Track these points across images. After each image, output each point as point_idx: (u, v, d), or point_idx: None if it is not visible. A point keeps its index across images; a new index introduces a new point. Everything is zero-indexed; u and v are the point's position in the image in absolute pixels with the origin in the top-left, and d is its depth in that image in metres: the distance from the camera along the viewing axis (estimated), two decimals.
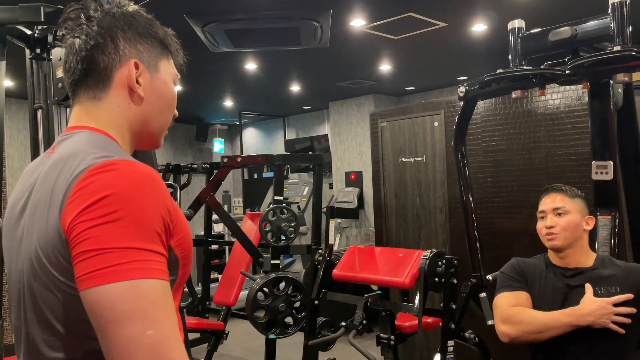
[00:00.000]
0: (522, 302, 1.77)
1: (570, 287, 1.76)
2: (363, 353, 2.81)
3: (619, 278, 1.71)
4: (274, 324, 3.59)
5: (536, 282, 1.81)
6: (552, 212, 1.80)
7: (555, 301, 1.74)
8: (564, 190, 1.85)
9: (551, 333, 1.66)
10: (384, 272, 3.08)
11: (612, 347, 1.65)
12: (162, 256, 0.80)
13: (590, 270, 1.77)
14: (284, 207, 3.76)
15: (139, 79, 0.94)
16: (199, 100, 6.79)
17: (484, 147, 3.80)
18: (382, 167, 4.50)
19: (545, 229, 1.80)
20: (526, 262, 1.89)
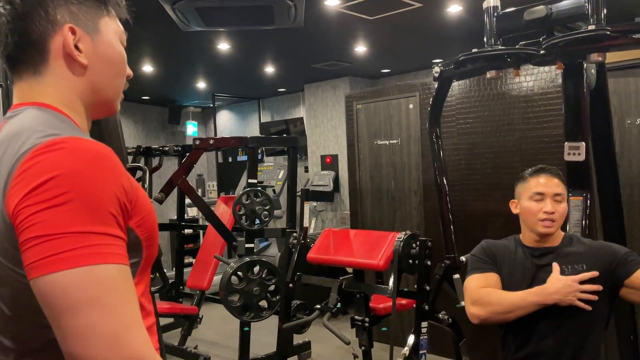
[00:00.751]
0: (492, 283, 1.75)
1: (539, 266, 1.76)
2: (337, 335, 2.80)
3: (586, 256, 1.72)
4: (248, 307, 3.55)
5: (506, 263, 1.81)
6: (552, 196, 1.76)
7: (524, 281, 1.74)
8: (560, 175, 1.81)
9: (519, 313, 1.67)
10: (358, 254, 3.07)
11: (579, 324, 1.67)
12: (119, 239, 0.75)
13: (557, 249, 1.78)
14: (258, 190, 3.71)
15: (78, 45, 0.85)
16: (171, 81, 6.64)
17: (459, 129, 3.80)
18: (358, 150, 4.47)
19: (543, 214, 1.74)
20: (496, 243, 1.88)
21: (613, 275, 1.67)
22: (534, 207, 1.76)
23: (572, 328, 1.67)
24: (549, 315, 1.66)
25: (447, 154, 3.87)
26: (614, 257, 1.70)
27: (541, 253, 1.78)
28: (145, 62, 5.44)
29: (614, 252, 1.71)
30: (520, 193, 1.83)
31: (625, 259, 1.68)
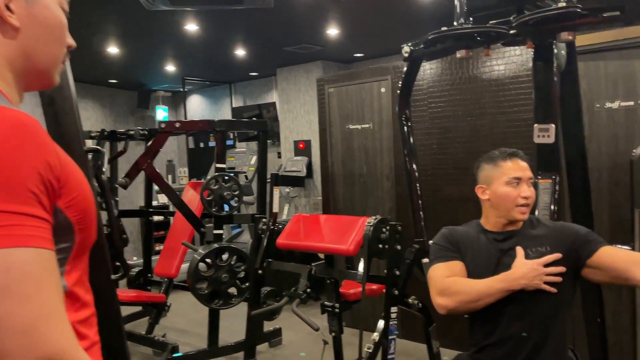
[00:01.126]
0: (457, 271, 1.71)
1: (503, 251, 1.73)
2: (306, 321, 2.75)
3: (549, 237, 1.71)
4: (217, 295, 3.49)
5: (469, 249, 1.76)
6: (527, 181, 1.73)
7: (489, 267, 1.71)
8: (527, 159, 1.78)
9: (487, 300, 1.63)
10: (328, 239, 3.02)
11: (547, 306, 1.65)
12: (41, 220, 0.67)
13: (520, 232, 1.75)
14: (227, 175, 3.63)
15: (10, 5, 0.78)
16: (139, 64, 6.44)
17: (430, 113, 3.77)
18: (330, 135, 4.41)
19: (522, 199, 1.70)
20: (458, 230, 1.83)
21: (575, 256, 1.66)
22: (511, 192, 1.71)
23: (539, 312, 1.65)
24: (515, 301, 1.64)
25: (419, 138, 3.85)
26: (576, 237, 1.68)
27: (504, 237, 1.75)
28: (109, 43, 5.25)
29: (576, 232, 1.70)
30: (491, 178, 1.76)
31: (587, 239, 1.67)
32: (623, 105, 3.00)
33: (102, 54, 5.63)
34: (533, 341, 1.65)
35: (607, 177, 3.09)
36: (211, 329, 3.61)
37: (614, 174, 3.06)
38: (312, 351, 3.63)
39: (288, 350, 3.89)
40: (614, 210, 3.07)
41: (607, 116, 3.07)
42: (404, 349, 3.80)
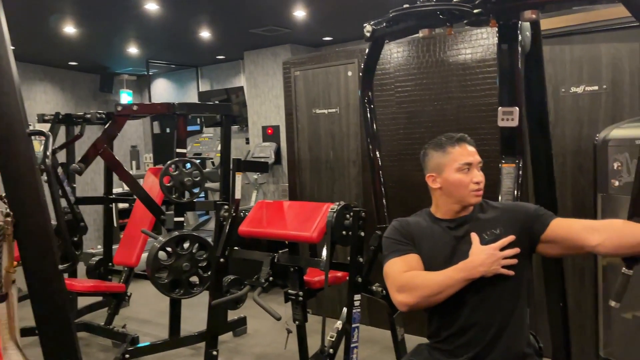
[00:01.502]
0: (414, 265, 1.65)
1: (458, 238, 1.69)
2: (267, 311, 2.68)
3: (500, 219, 1.67)
4: (178, 284, 3.38)
5: (424, 240, 1.71)
6: (477, 165, 1.69)
7: (445, 256, 1.66)
8: (474, 143, 1.74)
9: (449, 292, 1.59)
10: (291, 226, 2.94)
11: (506, 290, 1.62)
12: None
13: (472, 217, 1.71)
14: (187, 160, 3.51)
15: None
16: (99, 46, 6.20)
17: (397, 97, 3.70)
18: (296, 119, 4.31)
19: (474, 184, 1.66)
20: (409, 221, 1.77)
21: (529, 233, 1.63)
22: (464, 178, 1.67)
23: (500, 297, 1.62)
24: (474, 288, 1.59)
25: (385, 123, 3.79)
26: (527, 215, 1.66)
27: (457, 224, 1.70)
28: (66, 22, 5.01)
29: (526, 210, 1.68)
30: (441, 165, 1.70)
31: (537, 214, 1.65)
32: (588, 89, 2.99)
33: (59, 35, 5.38)
34: (495, 327, 1.61)
35: (571, 162, 3.08)
36: (172, 319, 3.50)
37: (578, 158, 3.05)
38: (277, 340, 3.57)
39: (253, 340, 3.82)
40: (577, 195, 3.07)
41: (572, 101, 3.05)
42: (370, 336, 3.77)
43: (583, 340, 3.02)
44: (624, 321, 2.30)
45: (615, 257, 2.28)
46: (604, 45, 2.92)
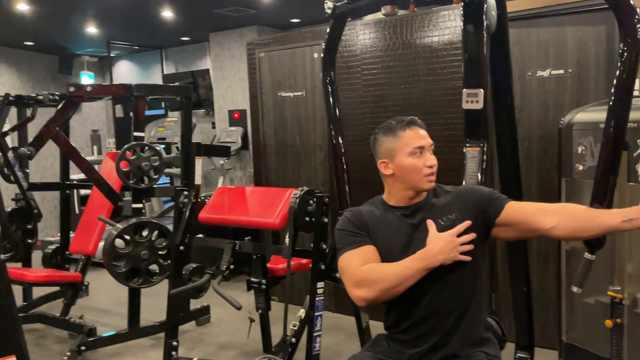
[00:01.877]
0: (370, 257, 1.57)
1: (414, 226, 1.63)
2: (228, 300, 2.59)
3: (455, 204, 1.62)
4: (136, 273, 3.26)
5: (379, 230, 1.64)
6: (429, 148, 1.63)
7: (402, 246, 1.61)
8: (425, 126, 1.67)
9: (408, 283, 1.52)
10: (253, 213, 2.85)
11: (464, 276, 1.57)
12: None
13: (426, 203, 1.65)
14: (146, 144, 3.37)
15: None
16: (57, 25, 5.92)
17: (364, 81, 3.62)
18: (261, 103, 4.19)
19: (427, 168, 1.60)
20: (362, 211, 1.70)
21: (484, 217, 1.59)
22: (417, 162, 1.60)
23: (458, 283, 1.57)
24: (433, 277, 1.54)
25: (352, 107, 3.71)
26: (481, 199, 1.61)
27: (412, 211, 1.64)
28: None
29: (480, 194, 1.64)
30: (393, 150, 1.62)
31: (492, 198, 1.61)
32: (554, 73, 2.96)
33: (12, 12, 5.10)
34: (454, 314, 1.57)
35: (536, 147, 3.06)
36: (132, 309, 3.39)
37: (543, 143, 3.03)
38: (241, 329, 3.49)
39: (217, 329, 3.73)
40: (542, 180, 3.06)
41: (538, 84, 3.02)
42: (336, 323, 3.73)
43: (546, 325, 3.03)
44: (586, 306, 2.30)
45: (577, 242, 2.28)
46: (570, 29, 2.90)
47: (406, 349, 1.61)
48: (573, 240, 2.33)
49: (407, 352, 1.60)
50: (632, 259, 2.11)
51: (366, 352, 1.68)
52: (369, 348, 1.71)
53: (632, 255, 2.11)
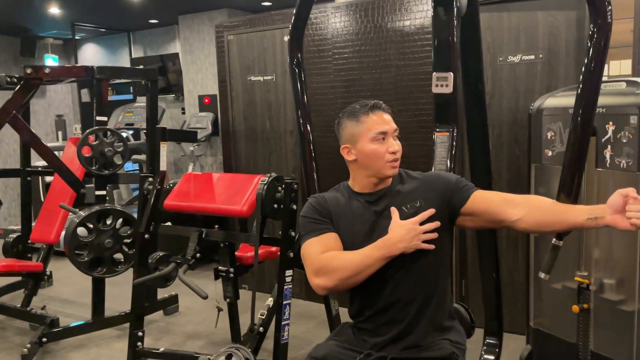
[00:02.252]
0: (331, 245, 1.54)
1: (378, 213, 1.59)
2: (193, 289, 2.52)
3: (421, 190, 1.58)
4: (100, 262, 3.16)
5: (342, 217, 1.60)
6: (393, 134, 1.57)
7: (365, 233, 1.57)
8: (388, 110, 1.60)
9: (368, 272, 1.49)
10: (220, 200, 2.78)
11: (428, 264, 1.54)
12: None
13: (391, 190, 1.60)
14: (109, 129, 3.25)
15: None
16: (18, 4, 5.67)
17: (335, 65, 3.55)
18: (230, 87, 4.09)
19: (390, 155, 1.55)
20: (326, 197, 1.65)
21: (449, 205, 1.55)
22: (379, 148, 1.55)
23: (421, 272, 1.54)
24: (395, 265, 1.51)
25: (324, 92, 3.64)
26: (447, 186, 1.57)
27: (377, 198, 1.59)
28: None
29: (446, 181, 1.59)
30: (355, 136, 1.57)
31: (458, 187, 1.56)
32: (525, 59, 2.95)
33: None
34: (418, 302, 1.54)
35: (507, 133, 3.06)
36: (96, 299, 3.29)
37: (514, 129, 3.03)
38: (210, 318, 3.42)
39: (185, 318, 3.65)
40: (512, 166, 3.06)
41: (509, 70, 3.00)
42: (307, 311, 3.70)
43: (515, 311, 3.04)
44: (554, 292, 2.31)
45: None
46: (542, 13, 2.88)
47: (370, 338, 1.57)
48: (538, 234, 2.32)
49: (370, 341, 1.57)
50: (599, 245, 2.12)
51: (331, 341, 1.65)
52: (334, 337, 1.67)
53: (599, 241, 2.12)
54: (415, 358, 1.52)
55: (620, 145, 1.98)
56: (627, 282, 2.02)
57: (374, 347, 1.55)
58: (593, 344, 2.16)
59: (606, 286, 2.09)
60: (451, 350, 1.51)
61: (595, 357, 2.16)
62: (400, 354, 1.52)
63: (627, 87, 2.03)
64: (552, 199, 1.87)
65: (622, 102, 1.99)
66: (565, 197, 1.81)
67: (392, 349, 1.53)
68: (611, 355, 2.09)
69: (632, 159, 1.95)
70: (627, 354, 2.02)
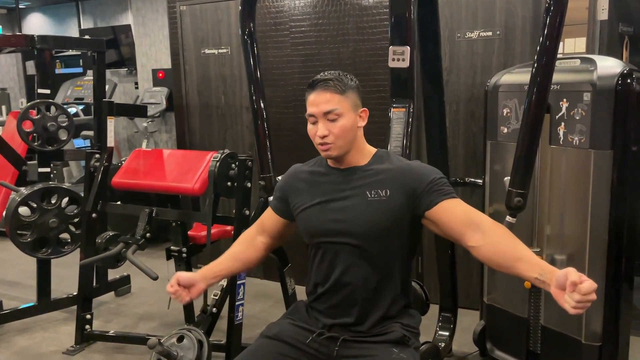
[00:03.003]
0: (264, 221, 1.68)
1: (338, 189, 1.52)
2: (143, 270, 2.44)
3: (392, 180, 1.51)
4: (45, 242, 3.01)
5: (304, 189, 1.58)
6: (323, 117, 1.47)
7: (320, 202, 1.53)
8: (333, 85, 1.48)
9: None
10: (171, 177, 2.67)
11: (383, 253, 1.49)
12: None
13: (363, 168, 1.55)
14: (52, 103, 3.06)
15: None
16: None
17: (292, 39, 3.45)
18: (183, 60, 3.93)
19: (318, 138, 1.48)
20: (297, 171, 1.65)
21: (415, 205, 1.47)
22: (311, 130, 1.51)
23: (375, 260, 1.49)
24: (346, 250, 1.48)
25: (280, 66, 3.54)
26: (419, 185, 1.47)
27: (346, 174, 1.54)
28: None
29: (421, 179, 1.49)
30: None
31: (430, 190, 1.46)
32: (482, 35, 2.92)
33: None
34: (370, 288, 1.49)
35: (464, 109, 3.05)
36: (41, 281, 3.15)
37: (470, 106, 3.02)
38: (163, 298, 3.32)
39: (137, 299, 3.55)
40: (469, 143, 3.06)
41: (467, 46, 2.98)
42: (264, 290, 3.66)
43: (469, 287, 3.08)
44: None
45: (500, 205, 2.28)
46: None
47: (322, 317, 1.55)
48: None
49: (322, 321, 1.54)
50: (550, 222, 2.14)
51: (284, 320, 1.61)
52: (288, 315, 1.63)
53: (550, 217, 2.13)
54: (367, 340, 1.49)
55: (574, 123, 1.98)
56: (577, 258, 2.04)
57: (325, 326, 1.52)
58: (543, 319, 2.20)
59: (557, 262, 2.12)
60: (402, 333, 1.48)
61: (545, 331, 2.20)
62: (351, 335, 1.49)
63: (582, 64, 2.03)
64: (507, 176, 1.88)
65: (576, 79, 1.99)
66: (519, 176, 1.81)
67: (341, 328, 1.51)
68: (561, 329, 2.13)
69: (584, 136, 1.96)
70: (576, 327, 2.06)
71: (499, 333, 2.44)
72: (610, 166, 1.90)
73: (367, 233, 1.46)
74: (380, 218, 1.46)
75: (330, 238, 1.51)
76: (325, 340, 1.49)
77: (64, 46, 3.18)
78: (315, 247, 1.56)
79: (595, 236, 1.97)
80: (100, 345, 2.86)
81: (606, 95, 1.88)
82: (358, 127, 1.53)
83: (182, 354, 2.18)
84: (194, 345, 2.20)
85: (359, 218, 1.47)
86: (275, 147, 2.47)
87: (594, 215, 1.96)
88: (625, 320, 2.01)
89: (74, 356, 2.77)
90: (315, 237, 1.54)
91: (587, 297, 1.13)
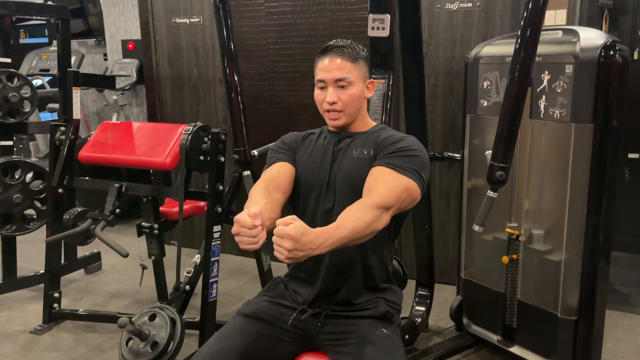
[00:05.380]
0: (274, 172, 1.48)
1: (336, 149, 1.50)
2: (112, 247, 2.36)
3: (373, 141, 1.47)
4: (9, 219, 2.89)
5: (304, 147, 1.55)
6: (334, 84, 1.44)
7: (321, 163, 1.50)
8: (347, 53, 1.45)
9: None
10: (141, 151, 2.57)
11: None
12: None
13: (359, 135, 1.52)
14: (14, 72, 2.90)
15: None
16: None
17: (266, 8, 3.33)
18: (153, 30, 3.78)
19: (327, 104, 1.46)
20: (302, 133, 1.60)
21: None
22: (319, 96, 1.48)
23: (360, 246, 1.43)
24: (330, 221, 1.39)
25: (254, 37, 3.42)
26: (380, 147, 1.44)
27: (344, 136, 1.52)
28: None
29: (385, 143, 1.44)
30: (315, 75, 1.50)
31: (382, 152, 1.43)
32: (462, 6, 2.86)
33: None
34: (355, 260, 1.46)
35: (442, 83, 3.00)
36: (6, 259, 3.04)
37: (449, 79, 2.97)
38: (135, 276, 3.25)
39: (108, 277, 3.46)
40: (447, 117, 3.02)
41: (447, 18, 2.91)
42: (240, 266, 3.61)
43: (446, 263, 3.08)
44: (485, 243, 2.31)
45: (479, 179, 2.26)
46: None
47: (301, 289, 1.50)
48: None
49: (302, 292, 1.49)
50: (529, 196, 2.12)
51: (262, 297, 1.55)
52: (265, 292, 1.58)
53: (529, 192, 2.12)
54: (350, 316, 1.45)
55: (555, 96, 1.95)
56: (555, 233, 2.03)
57: (306, 301, 1.47)
58: (520, 294, 2.20)
59: (535, 237, 2.11)
60: (386, 309, 1.45)
61: (521, 306, 2.20)
62: (334, 310, 1.45)
63: (564, 36, 1.99)
64: (489, 150, 1.84)
65: (558, 50, 1.94)
66: (501, 149, 1.77)
67: (323, 302, 1.46)
68: (537, 304, 2.13)
69: (565, 109, 1.92)
70: (552, 302, 2.06)
71: (476, 308, 2.44)
72: (591, 141, 1.88)
73: (346, 187, 1.44)
74: (360, 173, 1.43)
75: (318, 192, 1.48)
76: (308, 317, 1.45)
77: (25, 12, 2.99)
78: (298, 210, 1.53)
79: (574, 211, 1.95)
80: (69, 324, 2.78)
81: (589, 68, 1.85)
82: (364, 98, 1.52)
83: (154, 333, 2.12)
84: (167, 323, 2.14)
85: (341, 171, 1.47)
86: (249, 120, 2.39)
87: (573, 189, 1.94)
88: (601, 295, 2.02)
89: (41, 335, 2.68)
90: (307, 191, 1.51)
91: (277, 240, 1.10)
